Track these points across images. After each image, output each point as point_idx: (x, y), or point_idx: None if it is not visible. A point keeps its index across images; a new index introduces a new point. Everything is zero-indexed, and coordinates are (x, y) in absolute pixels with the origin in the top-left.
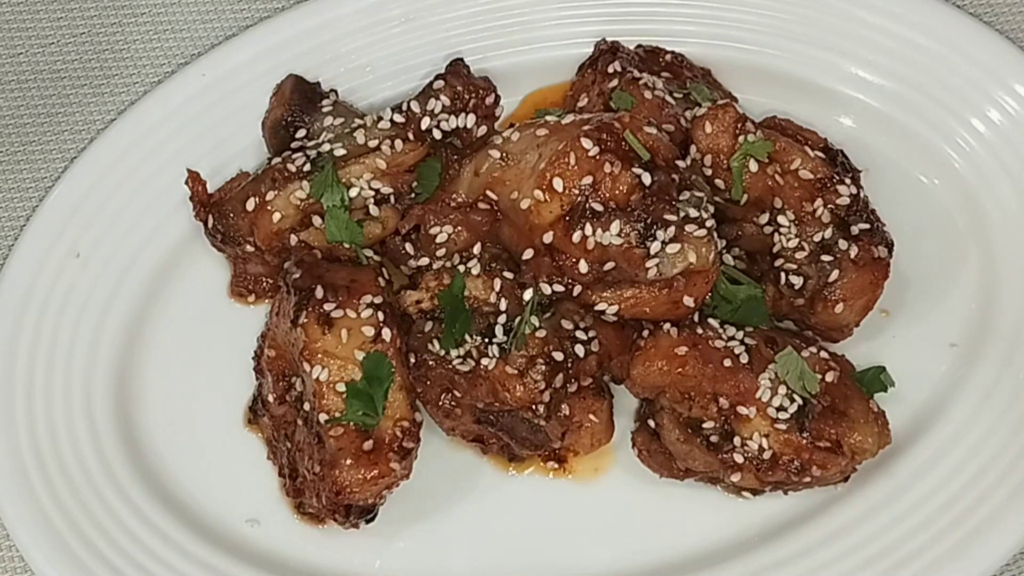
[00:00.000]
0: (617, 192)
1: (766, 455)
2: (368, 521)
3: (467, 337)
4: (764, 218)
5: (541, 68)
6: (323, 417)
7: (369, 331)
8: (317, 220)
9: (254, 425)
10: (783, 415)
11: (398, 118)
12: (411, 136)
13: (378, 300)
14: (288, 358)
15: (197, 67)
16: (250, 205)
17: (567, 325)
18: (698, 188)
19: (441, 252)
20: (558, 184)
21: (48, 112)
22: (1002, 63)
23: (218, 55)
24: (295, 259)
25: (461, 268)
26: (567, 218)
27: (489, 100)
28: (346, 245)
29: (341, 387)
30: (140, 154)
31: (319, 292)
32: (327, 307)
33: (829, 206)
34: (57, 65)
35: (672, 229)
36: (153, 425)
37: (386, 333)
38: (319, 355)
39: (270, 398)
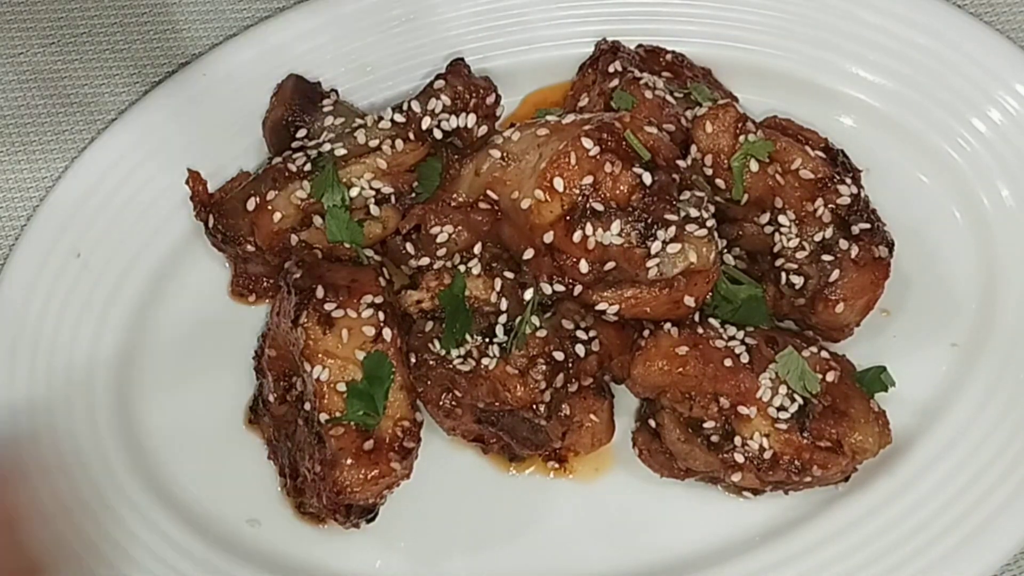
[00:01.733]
0: (618, 192)
1: (767, 455)
2: (368, 521)
3: (468, 337)
4: (765, 218)
5: (542, 68)
6: (324, 417)
7: (370, 331)
8: (318, 220)
9: (254, 425)
10: (784, 415)
11: (399, 118)
12: (412, 136)
13: (379, 300)
14: (289, 358)
15: (197, 67)
16: (250, 205)
17: (568, 325)
18: (699, 188)
19: (442, 252)
20: (558, 184)
21: (48, 112)
22: (1003, 62)
23: (218, 55)
24: (295, 259)
25: (462, 268)
26: (567, 218)
27: (490, 100)
28: (347, 245)
29: (342, 387)
30: (140, 154)
31: (319, 292)
32: (328, 307)
33: (830, 206)
34: (57, 65)
35: (673, 229)
36: (154, 425)
37: (387, 333)
38: (319, 355)
39: (271, 398)
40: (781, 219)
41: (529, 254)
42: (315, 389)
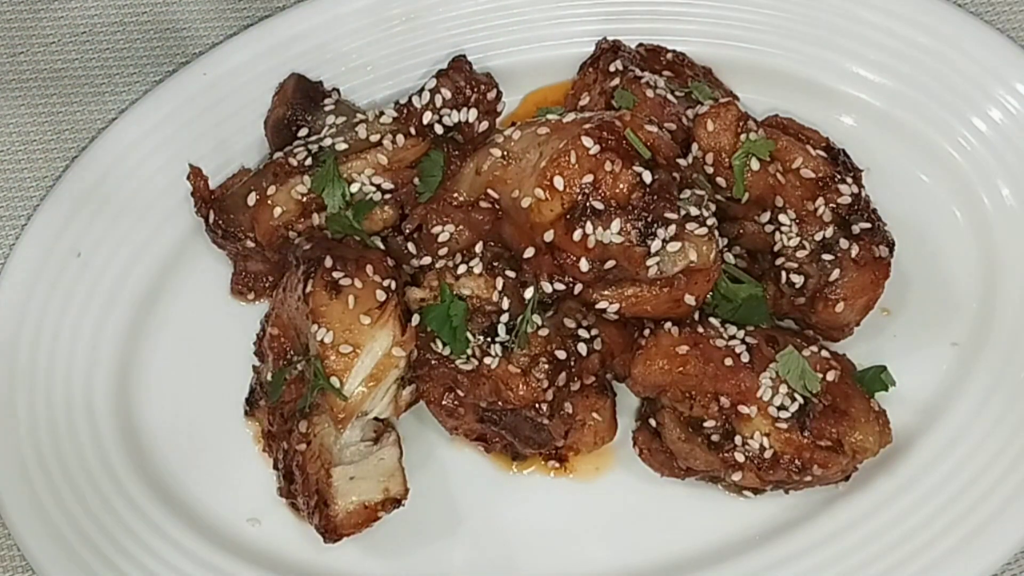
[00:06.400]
0: (618, 190)
1: (767, 454)
2: None
3: (470, 336)
4: (765, 217)
5: (542, 67)
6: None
7: (380, 295)
8: (316, 218)
9: (252, 417)
10: (784, 414)
11: (400, 113)
12: (413, 131)
13: (386, 282)
14: (291, 336)
15: (198, 66)
16: (251, 200)
17: (570, 323)
18: (699, 186)
19: (443, 251)
20: (559, 182)
21: (49, 111)
22: (1003, 61)
23: (219, 54)
24: (306, 235)
25: (463, 267)
26: (568, 216)
27: (491, 95)
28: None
29: (345, 348)
30: (141, 153)
31: (328, 262)
32: (335, 275)
33: (830, 205)
34: (58, 64)
35: (673, 227)
36: (154, 424)
37: (391, 304)
38: (324, 318)
39: (269, 377)
40: (782, 218)
41: (530, 253)
42: (319, 351)
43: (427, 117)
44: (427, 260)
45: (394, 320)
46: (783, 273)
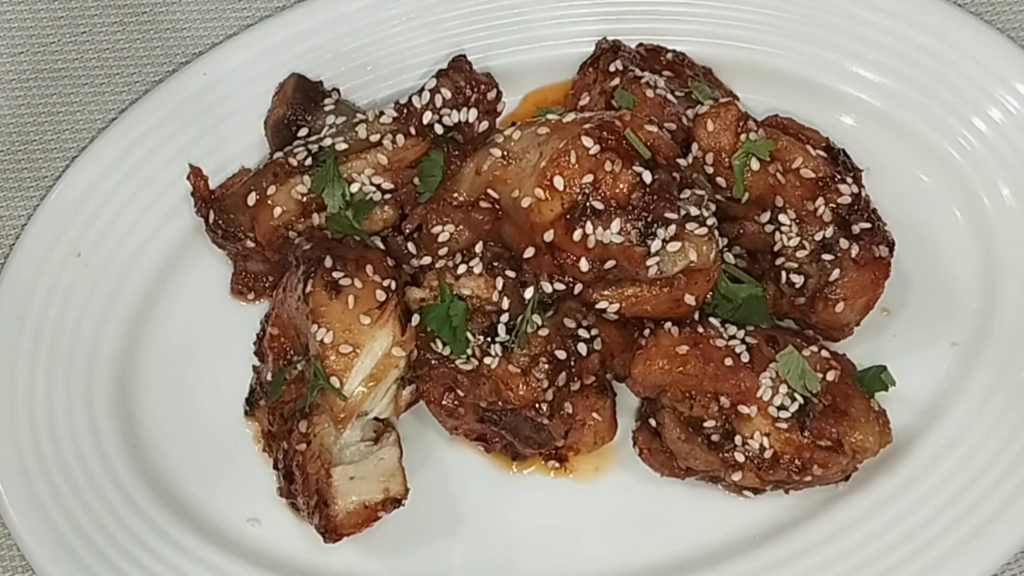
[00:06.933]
0: (618, 190)
1: (767, 454)
2: None
3: (470, 336)
4: (765, 217)
5: (542, 67)
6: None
7: (380, 295)
8: (316, 218)
9: (252, 417)
10: (784, 414)
11: (400, 113)
12: (413, 131)
13: (386, 282)
14: (291, 336)
15: (198, 66)
16: (251, 200)
17: (570, 323)
18: (699, 186)
19: (443, 251)
20: (559, 182)
21: (49, 111)
22: (1003, 62)
23: (219, 54)
24: (306, 235)
25: (463, 267)
26: (568, 216)
27: (491, 95)
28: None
29: (345, 348)
30: (141, 153)
31: (328, 262)
32: (335, 275)
33: (830, 205)
34: (58, 64)
35: (673, 227)
36: (154, 425)
37: (391, 304)
38: (324, 318)
39: (269, 377)
40: (782, 218)
41: (530, 253)
42: (319, 351)
43: (427, 117)
44: (427, 260)
45: (394, 320)
46: (783, 273)
